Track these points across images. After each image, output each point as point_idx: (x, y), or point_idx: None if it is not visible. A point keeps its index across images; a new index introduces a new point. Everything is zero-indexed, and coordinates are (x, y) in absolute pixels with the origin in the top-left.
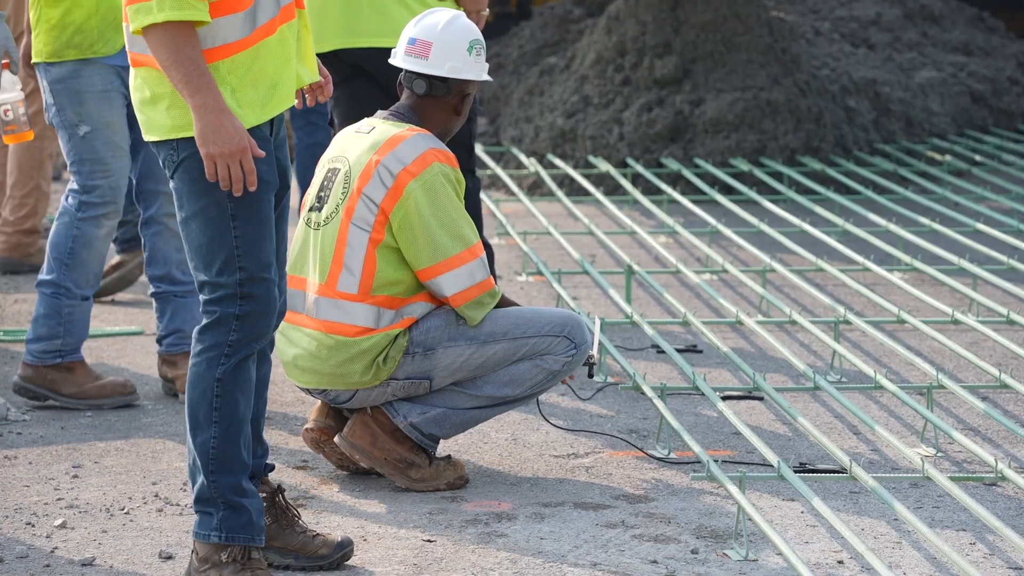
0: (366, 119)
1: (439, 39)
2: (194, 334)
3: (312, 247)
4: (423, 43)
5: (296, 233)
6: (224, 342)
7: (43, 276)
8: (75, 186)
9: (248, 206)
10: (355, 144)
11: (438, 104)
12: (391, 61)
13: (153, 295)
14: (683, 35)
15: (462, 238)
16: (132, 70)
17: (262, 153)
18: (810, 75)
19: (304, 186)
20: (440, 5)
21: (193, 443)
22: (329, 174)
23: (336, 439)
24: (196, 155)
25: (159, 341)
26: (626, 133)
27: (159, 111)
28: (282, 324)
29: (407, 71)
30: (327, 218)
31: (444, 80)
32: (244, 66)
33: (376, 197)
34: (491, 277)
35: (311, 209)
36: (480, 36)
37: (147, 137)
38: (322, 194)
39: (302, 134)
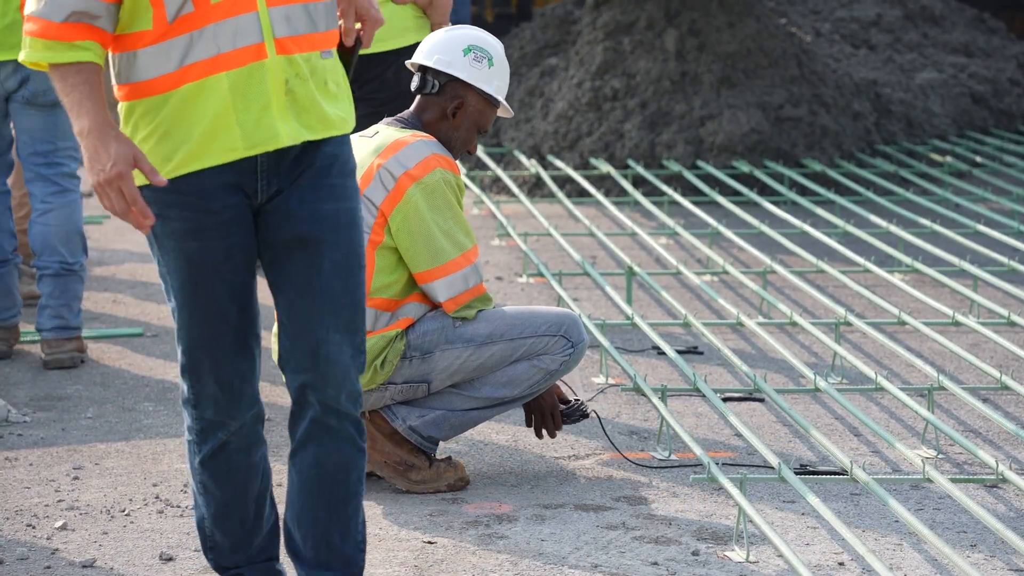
0: (372, 125)
1: (437, 37)
2: None
3: None
4: (425, 41)
5: None
6: (192, 427)
7: (76, 258)
8: (72, 169)
9: (182, 285)
10: (358, 147)
11: (432, 105)
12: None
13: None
14: (703, 64)
15: (458, 243)
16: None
17: (162, 181)
18: (836, 91)
19: None
20: (398, 8)
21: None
22: None
23: None
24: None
25: None
26: (628, 145)
27: None
28: None
29: (411, 68)
30: None
31: (436, 75)
32: (153, 111)
33: (376, 199)
34: (483, 283)
35: None
36: (487, 47)
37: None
38: None
39: None
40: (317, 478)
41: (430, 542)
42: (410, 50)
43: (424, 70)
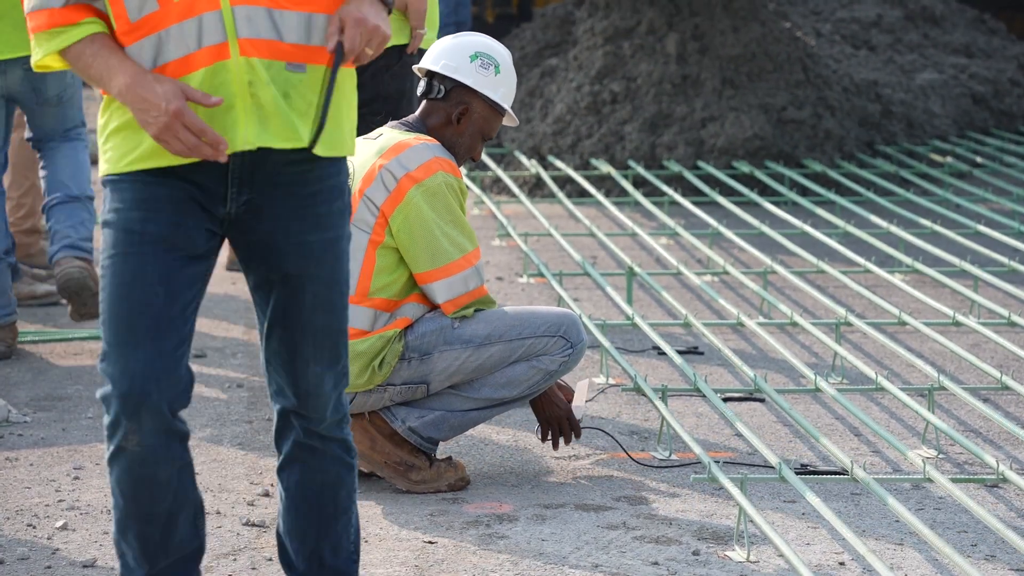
0: (377, 128)
1: (447, 42)
2: None
3: None
4: (434, 46)
5: None
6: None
7: (83, 191)
8: (80, 134)
9: (112, 257)
10: (361, 148)
11: (437, 110)
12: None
13: None
14: (705, 67)
15: (459, 245)
16: None
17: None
18: (843, 95)
19: None
20: None
21: None
22: None
23: None
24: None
25: None
26: (628, 147)
27: None
28: None
29: (418, 72)
30: None
31: (442, 80)
32: (122, 110)
33: (377, 199)
34: (484, 285)
35: None
36: (495, 54)
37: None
38: None
39: None
40: (305, 497)
41: (431, 542)
42: (387, 53)
43: (431, 75)
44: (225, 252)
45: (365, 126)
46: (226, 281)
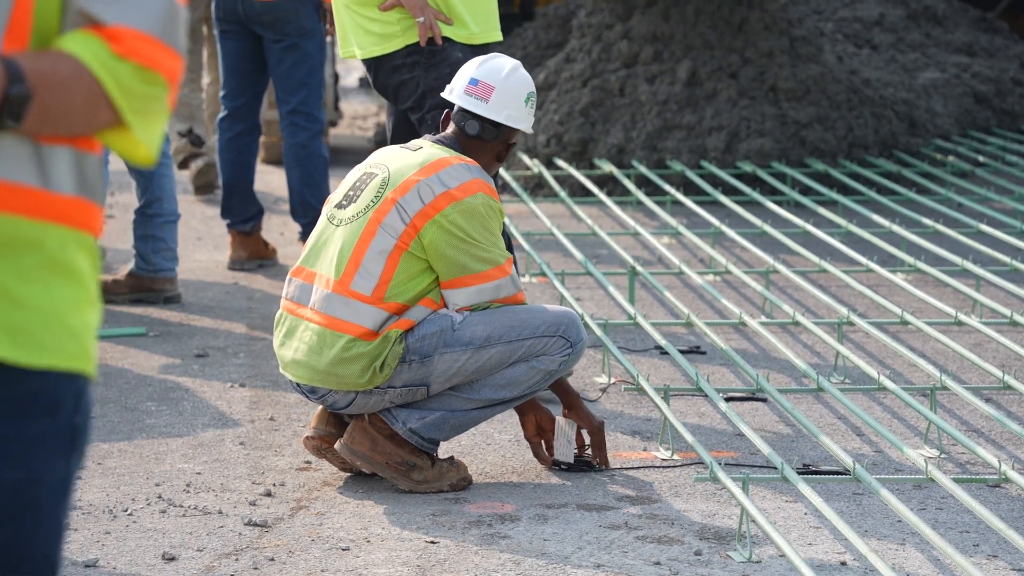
0: (415, 139)
1: (502, 85)
2: None
3: (331, 243)
4: (485, 86)
5: (316, 227)
6: None
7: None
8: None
9: None
10: (399, 156)
11: (484, 147)
12: (446, 95)
13: None
14: (722, 80)
15: (492, 260)
16: None
17: None
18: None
19: (291, 185)
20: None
21: None
22: (364, 177)
23: (336, 446)
24: None
25: None
26: (636, 148)
27: None
28: (287, 316)
29: (461, 109)
30: (352, 217)
31: (497, 126)
32: None
33: (411, 210)
34: (520, 292)
35: (336, 206)
36: (533, 88)
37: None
38: (351, 193)
39: (286, 134)
40: None
41: (432, 542)
42: (409, 51)
43: (475, 113)
44: (226, 251)
45: (427, 125)
46: (227, 280)
